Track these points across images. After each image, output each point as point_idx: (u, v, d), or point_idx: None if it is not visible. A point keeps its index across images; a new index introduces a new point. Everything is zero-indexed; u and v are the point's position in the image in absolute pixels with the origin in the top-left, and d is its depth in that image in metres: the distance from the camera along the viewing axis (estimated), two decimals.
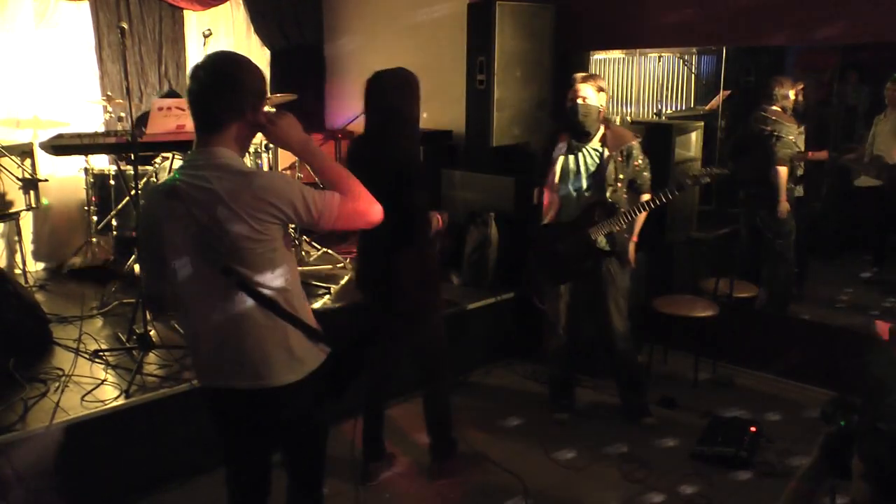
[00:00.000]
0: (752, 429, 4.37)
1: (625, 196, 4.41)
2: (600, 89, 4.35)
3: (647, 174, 4.46)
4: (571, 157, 4.41)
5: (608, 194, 4.36)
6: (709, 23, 5.44)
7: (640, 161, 4.43)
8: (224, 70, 2.35)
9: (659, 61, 6.28)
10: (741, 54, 5.71)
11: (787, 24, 5.09)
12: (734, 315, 5.28)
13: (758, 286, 5.64)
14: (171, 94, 6.87)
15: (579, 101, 4.31)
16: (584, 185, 4.40)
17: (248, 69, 2.40)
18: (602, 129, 4.40)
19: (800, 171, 5.72)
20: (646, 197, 4.43)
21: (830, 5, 4.89)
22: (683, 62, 6.17)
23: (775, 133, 5.49)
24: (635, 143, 4.41)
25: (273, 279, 2.35)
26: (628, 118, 6.48)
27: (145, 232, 2.50)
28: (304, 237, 6.54)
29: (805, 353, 5.12)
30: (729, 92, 5.82)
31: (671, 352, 5.38)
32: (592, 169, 4.39)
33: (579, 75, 4.41)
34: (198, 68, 2.34)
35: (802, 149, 5.64)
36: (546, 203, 4.52)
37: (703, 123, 5.81)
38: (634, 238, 4.51)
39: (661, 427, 4.61)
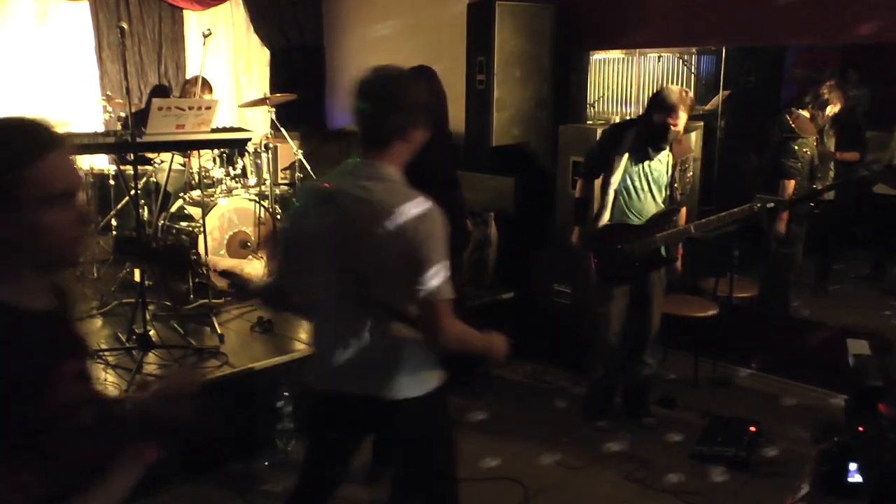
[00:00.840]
0: (752, 429, 4.38)
1: None
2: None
3: (688, 187, 4.50)
4: (639, 162, 4.33)
5: (667, 202, 4.38)
6: (708, 23, 5.44)
7: (691, 173, 4.48)
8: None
9: (658, 61, 6.27)
10: (741, 54, 5.70)
11: (787, 23, 5.09)
12: (734, 315, 5.28)
13: (758, 285, 5.63)
14: (160, 90, 6.86)
15: (674, 128, 4.20)
16: (645, 189, 4.35)
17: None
18: None
19: (830, 173, 5.54)
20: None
21: (831, 5, 4.89)
22: (683, 62, 6.15)
23: (789, 141, 5.30)
24: (691, 156, 4.44)
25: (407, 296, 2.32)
26: (628, 118, 6.46)
27: (292, 227, 2.57)
28: None
29: (805, 352, 5.12)
30: (729, 92, 5.81)
31: (671, 351, 5.38)
32: (655, 175, 4.34)
33: (681, 102, 4.17)
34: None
35: (832, 149, 5.49)
36: (600, 201, 4.46)
37: (702, 123, 5.80)
38: (680, 250, 4.55)
39: (660, 427, 4.61)
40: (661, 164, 4.35)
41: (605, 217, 4.40)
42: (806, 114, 5.31)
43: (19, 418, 1.28)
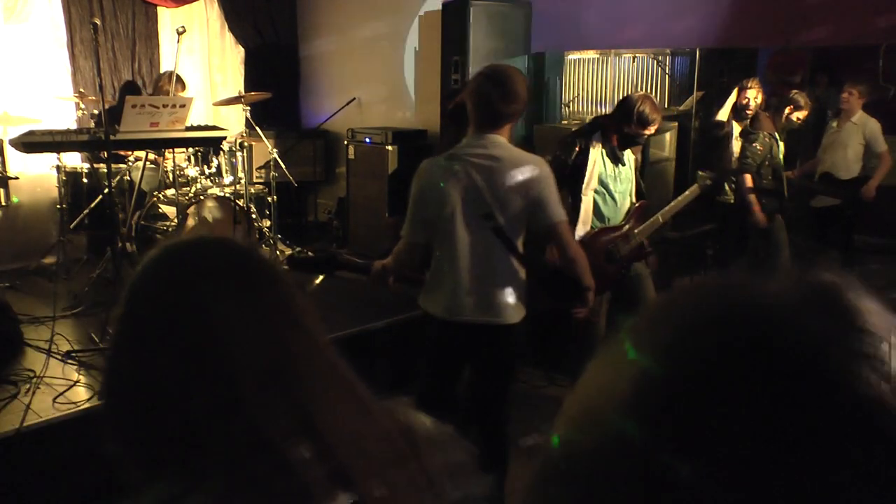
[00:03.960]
0: None
1: None
2: None
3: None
4: (611, 163, 4.32)
5: (633, 196, 4.42)
6: (682, 24, 5.49)
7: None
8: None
9: (633, 62, 6.32)
10: (714, 56, 5.76)
11: (759, 25, 5.15)
12: None
13: None
14: (130, 87, 6.81)
15: (648, 133, 4.27)
16: (620, 190, 4.36)
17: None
18: None
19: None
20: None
21: (804, 8, 4.95)
22: (657, 63, 6.21)
23: (745, 138, 5.36)
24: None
25: (519, 233, 3.10)
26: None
27: (420, 191, 3.11)
28: (279, 235, 6.51)
29: None
30: (702, 93, 5.86)
31: None
32: (625, 175, 4.37)
33: (657, 114, 4.20)
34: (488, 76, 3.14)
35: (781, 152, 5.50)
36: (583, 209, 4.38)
37: (676, 124, 5.85)
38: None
39: None
40: (629, 162, 4.39)
41: (586, 227, 4.34)
42: (766, 115, 5.39)
43: None
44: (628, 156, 4.37)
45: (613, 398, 0.49)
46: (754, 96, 5.43)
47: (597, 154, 4.30)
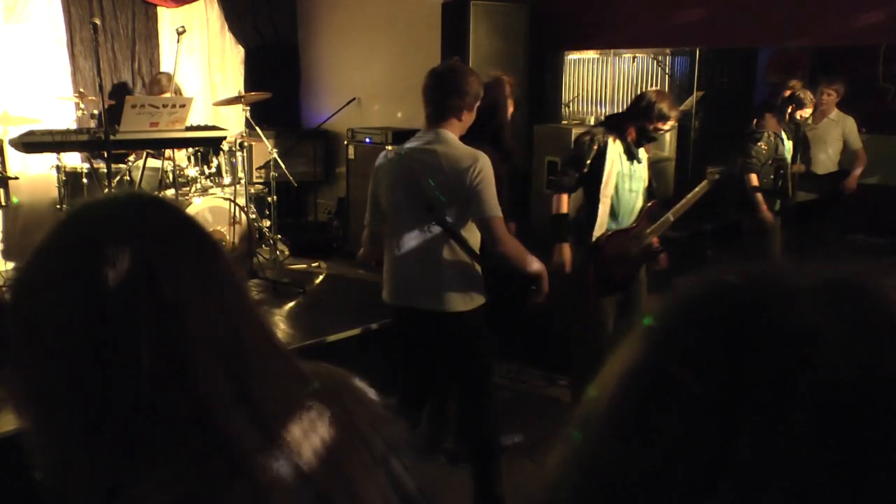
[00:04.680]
0: None
1: None
2: None
3: None
4: (626, 161, 4.29)
5: (645, 195, 4.41)
6: (682, 24, 5.49)
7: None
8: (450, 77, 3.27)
9: (633, 62, 6.32)
10: (714, 56, 5.76)
11: (759, 25, 5.15)
12: None
13: None
14: (121, 88, 6.82)
15: (666, 129, 4.31)
16: (634, 189, 4.34)
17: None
18: None
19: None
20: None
21: (804, 8, 4.95)
22: (657, 63, 6.21)
23: (749, 139, 5.32)
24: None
25: (464, 224, 3.19)
26: (602, 119, 6.51)
27: (375, 184, 3.37)
28: (278, 235, 6.51)
29: None
30: (702, 93, 5.86)
31: None
32: (639, 173, 4.34)
33: (674, 110, 4.26)
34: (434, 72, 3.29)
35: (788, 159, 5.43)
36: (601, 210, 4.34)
37: (676, 124, 5.84)
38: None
39: None
40: (643, 160, 4.37)
41: (602, 229, 4.29)
42: (771, 114, 5.39)
43: None
44: (642, 153, 4.36)
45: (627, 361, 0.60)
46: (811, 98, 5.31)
47: (615, 153, 4.24)
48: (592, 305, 4.39)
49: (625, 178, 4.30)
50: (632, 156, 4.29)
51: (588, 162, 4.25)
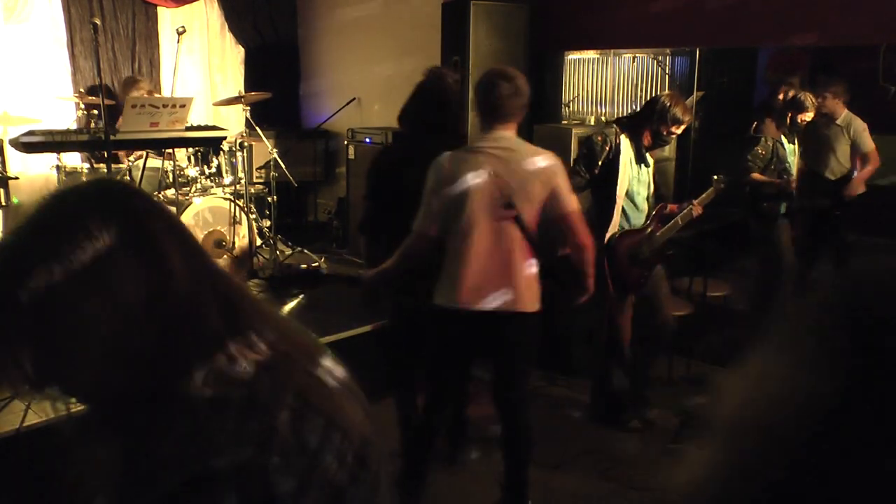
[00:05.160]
0: None
1: None
2: None
3: None
4: (636, 164, 4.32)
5: (653, 198, 4.44)
6: (682, 24, 5.49)
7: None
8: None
9: (633, 62, 6.33)
10: (714, 56, 5.76)
11: (759, 26, 5.15)
12: (708, 313, 5.32)
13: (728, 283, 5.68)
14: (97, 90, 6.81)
15: (678, 132, 4.32)
16: (642, 192, 4.38)
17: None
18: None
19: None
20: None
21: (804, 8, 4.95)
22: (657, 63, 6.21)
23: (749, 142, 5.34)
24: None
25: (536, 221, 3.23)
26: (603, 118, 6.52)
27: (438, 182, 3.25)
28: (279, 235, 6.51)
29: None
30: (702, 93, 5.86)
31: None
32: (647, 177, 4.39)
33: (688, 115, 4.29)
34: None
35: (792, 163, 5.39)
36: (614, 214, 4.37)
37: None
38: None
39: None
40: (650, 164, 4.41)
41: (613, 230, 4.34)
42: (770, 119, 5.36)
43: None
44: (649, 157, 4.38)
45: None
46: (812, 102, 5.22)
47: (627, 155, 4.27)
48: (611, 303, 4.44)
49: (634, 181, 4.33)
50: (641, 158, 4.31)
51: (600, 163, 4.27)
